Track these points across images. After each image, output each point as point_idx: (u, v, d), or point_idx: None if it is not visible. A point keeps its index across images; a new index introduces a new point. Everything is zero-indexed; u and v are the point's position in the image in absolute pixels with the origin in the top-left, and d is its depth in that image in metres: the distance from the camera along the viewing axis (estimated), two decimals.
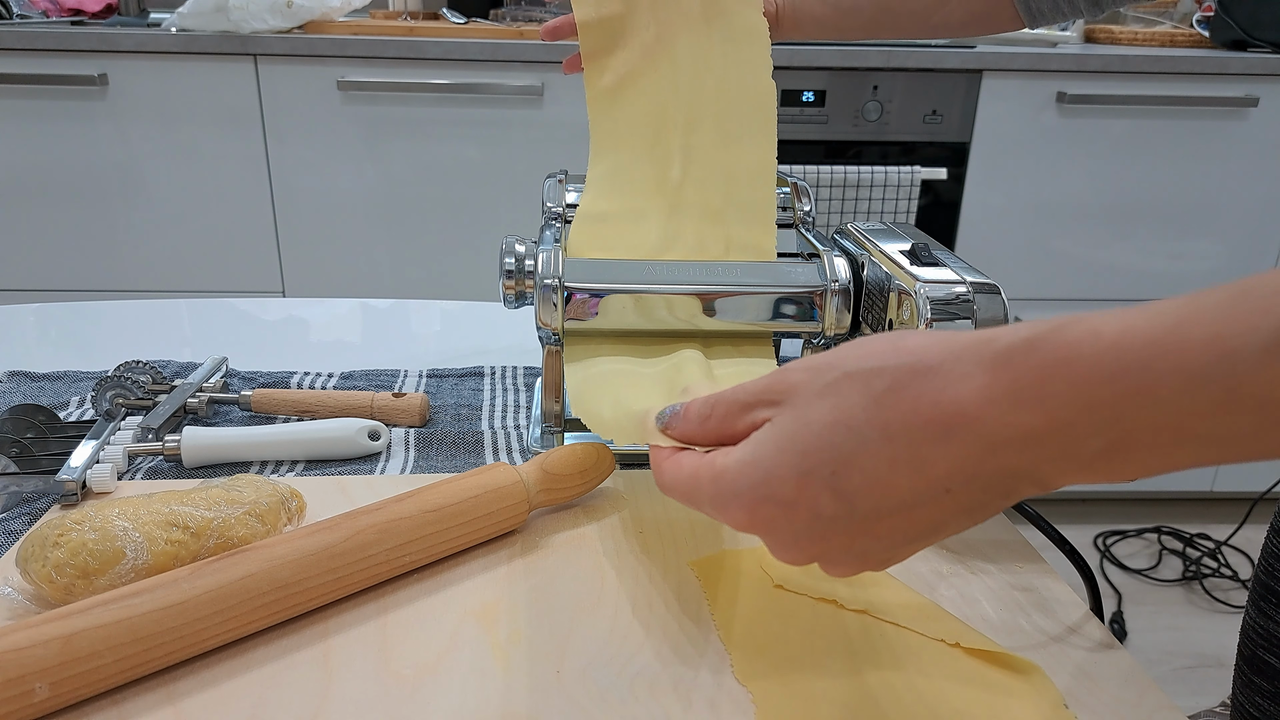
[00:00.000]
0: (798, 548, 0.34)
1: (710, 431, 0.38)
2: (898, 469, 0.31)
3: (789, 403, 0.34)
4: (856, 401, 0.32)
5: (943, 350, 0.31)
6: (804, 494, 0.33)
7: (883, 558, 0.35)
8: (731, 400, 0.37)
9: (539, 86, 1.70)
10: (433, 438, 0.65)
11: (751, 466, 0.34)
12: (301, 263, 1.81)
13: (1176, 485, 2.04)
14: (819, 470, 0.32)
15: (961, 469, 0.31)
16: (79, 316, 0.89)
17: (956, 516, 0.32)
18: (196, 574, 0.42)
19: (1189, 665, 1.70)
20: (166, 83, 1.68)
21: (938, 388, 0.31)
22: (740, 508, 0.35)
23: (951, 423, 0.30)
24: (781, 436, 0.34)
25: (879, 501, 0.32)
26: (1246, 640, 0.63)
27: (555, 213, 0.66)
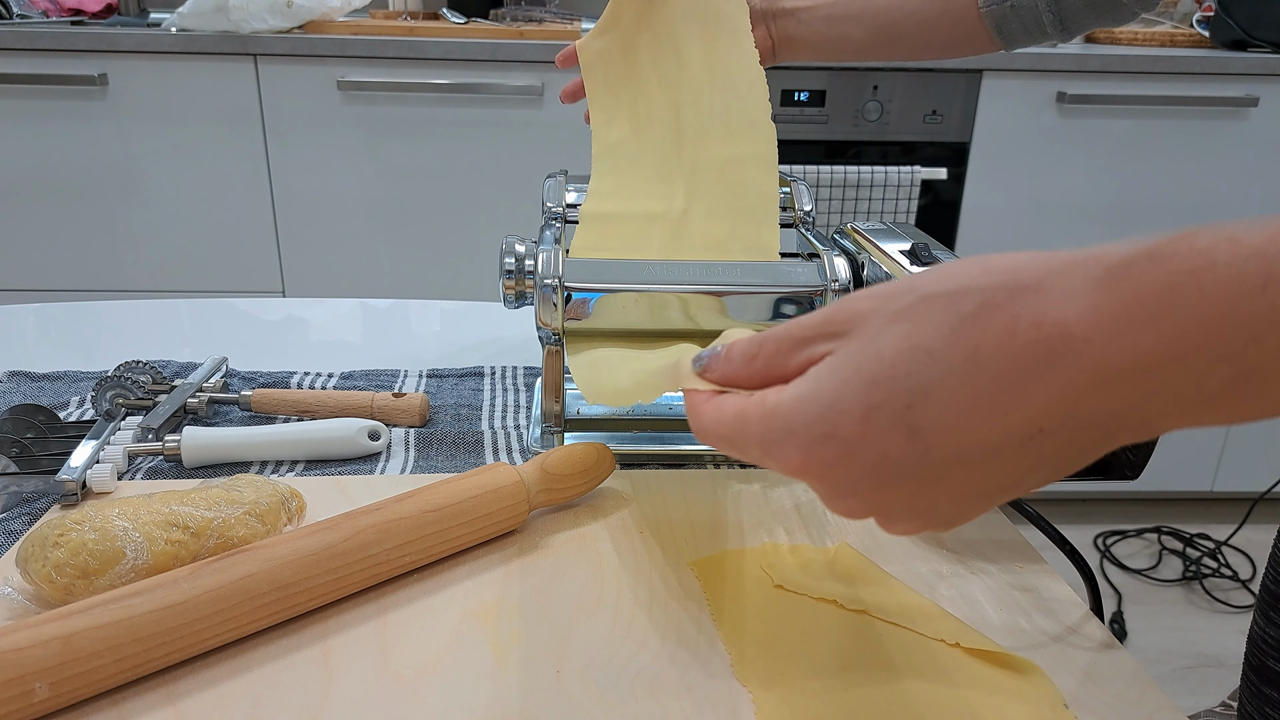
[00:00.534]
0: (856, 496, 0.30)
1: (757, 372, 0.33)
2: (984, 404, 0.27)
3: (855, 332, 0.30)
4: (939, 325, 0.28)
5: (1043, 267, 0.27)
6: (870, 432, 0.28)
7: (949, 515, 0.30)
8: (783, 335, 0.32)
9: (539, 86, 1.70)
10: (433, 438, 0.65)
11: (809, 400, 0.30)
12: (301, 263, 1.81)
13: (1177, 485, 2.04)
14: (890, 404, 0.28)
15: (1060, 405, 0.26)
16: (79, 316, 0.89)
17: (1040, 467, 0.28)
18: (196, 574, 0.42)
19: (1189, 665, 1.70)
20: (166, 83, 1.68)
21: (1039, 307, 0.26)
22: (795, 447, 0.30)
23: (1054, 348, 0.26)
24: (846, 367, 0.29)
25: (957, 443, 0.28)
26: (1255, 650, 0.63)
27: (555, 213, 0.66)
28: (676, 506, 0.56)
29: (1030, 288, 0.27)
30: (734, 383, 0.34)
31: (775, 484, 0.59)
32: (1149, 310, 0.25)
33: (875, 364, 0.28)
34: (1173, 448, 1.97)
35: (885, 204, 1.78)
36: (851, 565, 0.50)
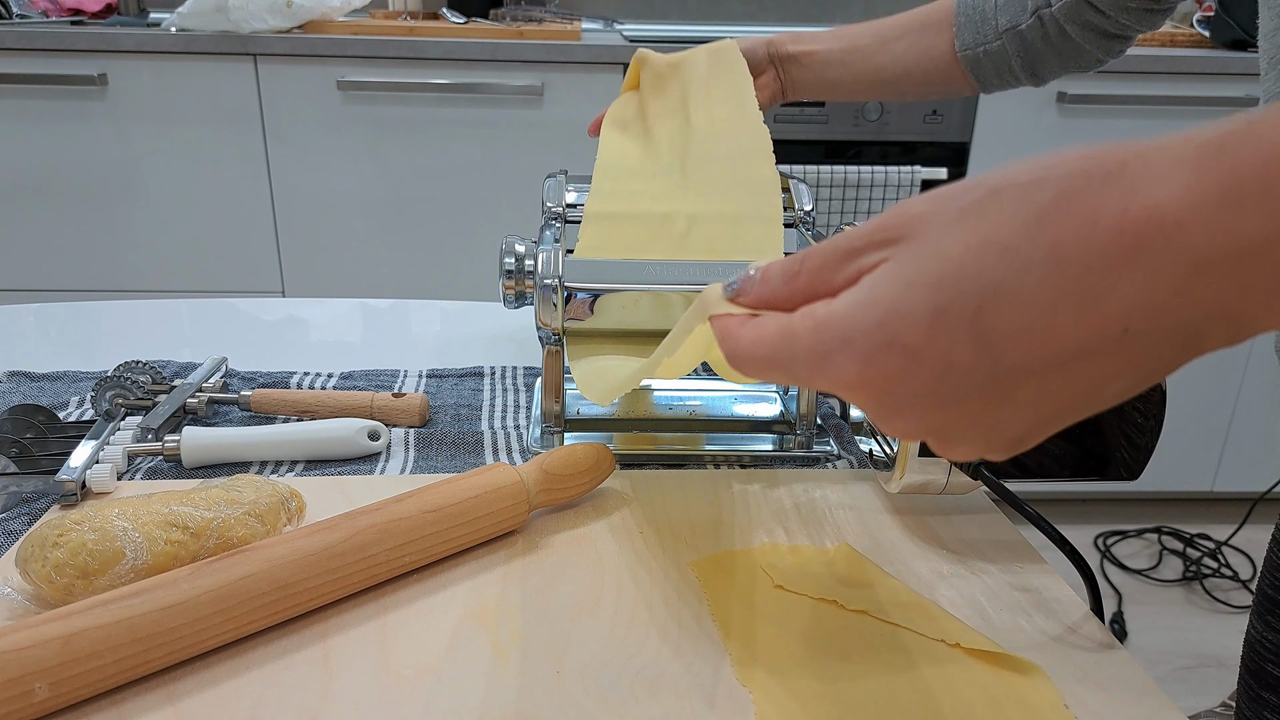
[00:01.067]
0: (916, 412, 0.27)
1: (799, 290, 0.30)
2: (1064, 304, 0.24)
3: (914, 236, 0.27)
4: (1012, 218, 0.25)
5: (1124, 151, 0.25)
6: (936, 338, 0.25)
7: (1015, 434, 0.28)
8: (829, 249, 0.29)
9: (539, 86, 1.70)
10: (432, 438, 0.65)
11: (867, 306, 0.27)
12: (301, 263, 1.81)
13: (1177, 485, 2.04)
14: (958, 306, 0.25)
15: (1149, 301, 0.24)
16: (79, 316, 0.89)
17: (1117, 377, 0.26)
18: (196, 574, 0.42)
19: (1189, 665, 1.70)
20: (166, 83, 1.68)
21: (1125, 193, 0.24)
22: (851, 357, 0.27)
23: (1144, 236, 0.23)
24: (907, 269, 0.26)
25: (1032, 350, 0.25)
26: (1252, 654, 0.62)
27: (555, 213, 0.66)
28: (676, 506, 0.56)
29: (1113, 173, 0.24)
30: (772, 304, 0.31)
31: (775, 484, 0.59)
32: (1251, 190, 0.22)
33: (940, 264, 0.26)
34: (1173, 448, 1.97)
35: (885, 204, 1.78)
36: (851, 565, 0.50)
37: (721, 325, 0.31)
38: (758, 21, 2.27)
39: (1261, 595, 0.62)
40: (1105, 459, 0.53)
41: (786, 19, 2.28)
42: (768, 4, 2.26)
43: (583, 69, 1.70)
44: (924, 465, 0.53)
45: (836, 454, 0.63)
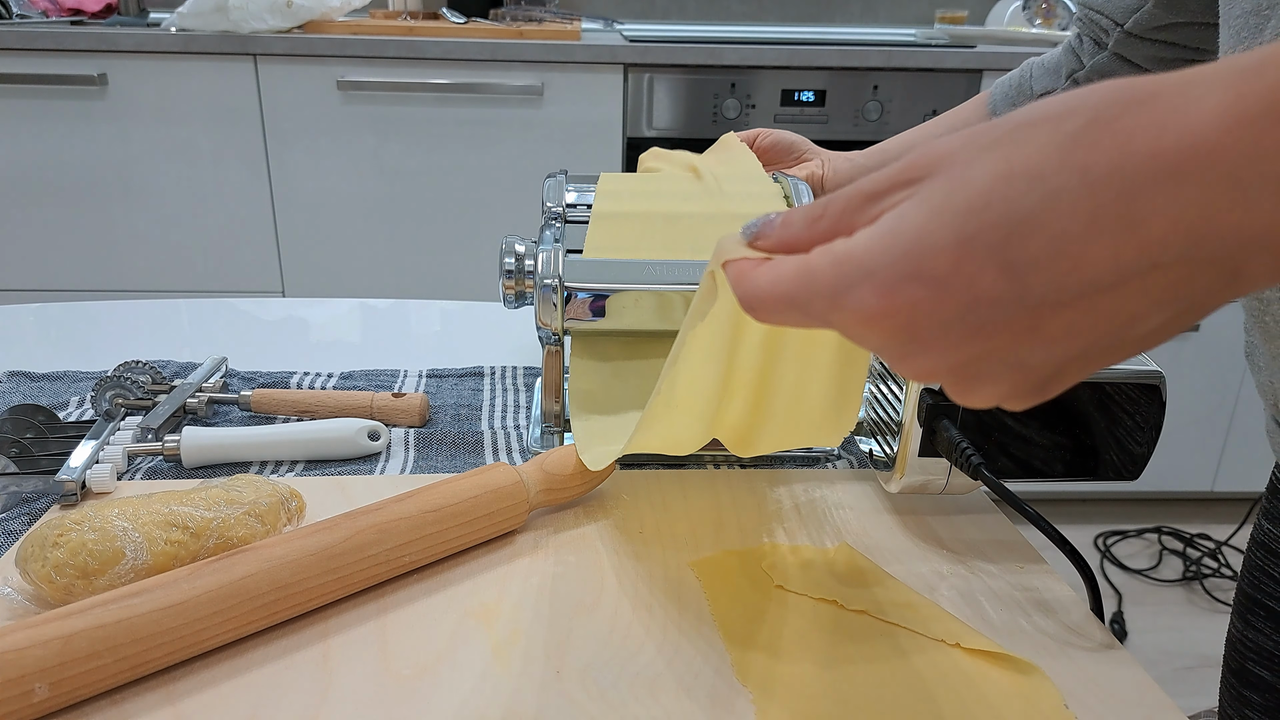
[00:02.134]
0: (940, 348, 0.26)
1: (821, 234, 0.29)
2: (1097, 231, 0.23)
3: (939, 171, 0.26)
4: (1042, 146, 0.24)
5: (1159, 79, 0.24)
6: (963, 267, 0.24)
7: (1042, 375, 0.26)
8: (853, 192, 0.28)
9: (539, 86, 1.70)
10: (432, 438, 0.65)
11: (890, 237, 0.26)
12: (301, 263, 1.81)
13: (1177, 485, 2.04)
14: (985, 235, 0.24)
15: (1187, 227, 0.23)
16: (79, 316, 0.89)
17: (1156, 309, 0.24)
18: (196, 574, 0.42)
19: (1189, 665, 1.70)
20: (166, 83, 1.68)
21: (1159, 117, 0.23)
22: (873, 290, 0.26)
23: (1180, 159, 0.22)
24: (933, 200, 0.25)
25: (1063, 278, 0.24)
26: (1234, 653, 0.63)
27: (555, 213, 0.66)
28: (676, 506, 0.56)
29: (1147, 99, 0.23)
30: (794, 248, 0.30)
31: (775, 484, 0.59)
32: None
33: (967, 193, 0.25)
34: (1173, 448, 1.97)
35: None
36: (851, 565, 0.50)
37: (737, 269, 0.30)
38: (758, 21, 2.27)
39: (1242, 594, 0.63)
40: (1105, 459, 0.53)
41: (786, 19, 2.28)
42: (768, 4, 2.26)
43: (583, 69, 1.70)
44: (924, 465, 0.53)
45: (836, 454, 0.63)
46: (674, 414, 0.46)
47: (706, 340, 0.41)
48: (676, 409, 0.46)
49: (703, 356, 0.42)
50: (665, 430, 0.48)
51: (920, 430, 0.52)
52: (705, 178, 0.66)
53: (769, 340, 0.42)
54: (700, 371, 0.43)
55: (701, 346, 0.42)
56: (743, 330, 0.42)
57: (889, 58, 1.73)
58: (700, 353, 0.42)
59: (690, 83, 1.74)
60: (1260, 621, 0.60)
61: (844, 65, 1.73)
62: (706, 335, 0.41)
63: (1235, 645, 0.62)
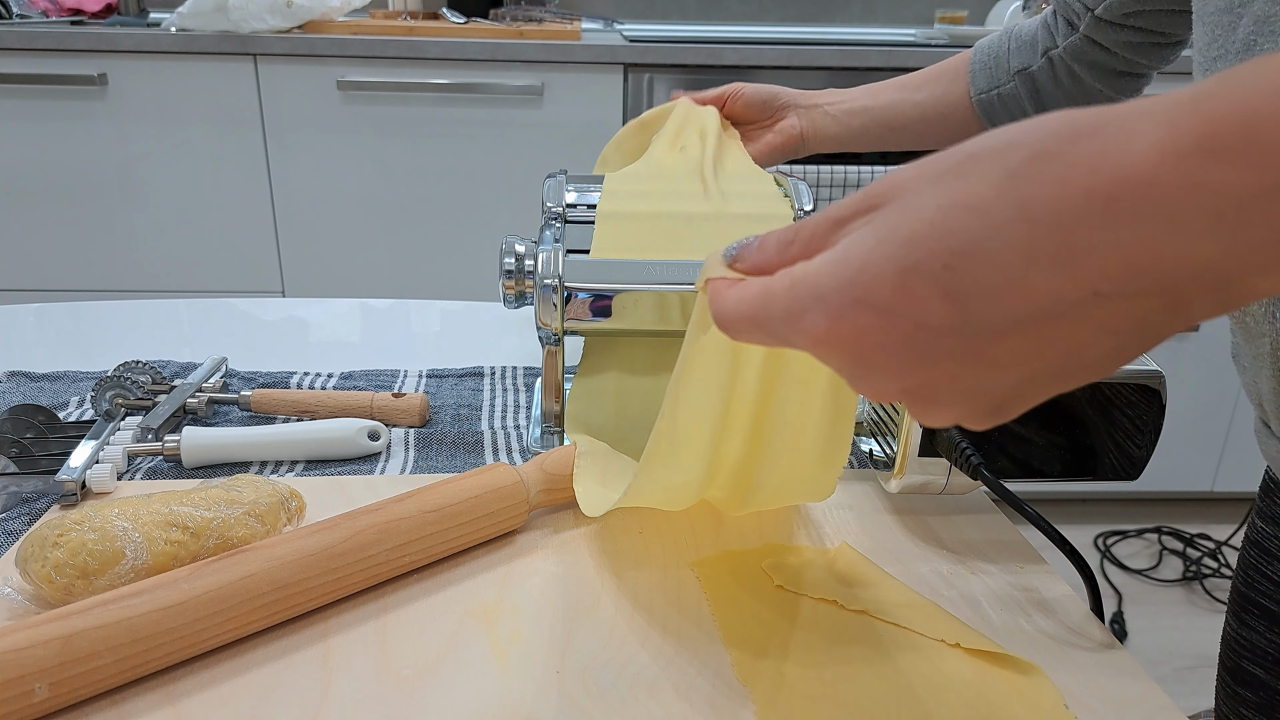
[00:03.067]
0: (889, 371, 0.27)
1: (793, 258, 0.30)
2: (1036, 262, 0.24)
3: (893, 199, 0.27)
4: (984, 179, 0.25)
5: (1102, 113, 0.24)
6: (904, 295, 0.25)
7: (996, 399, 0.27)
8: (822, 218, 0.30)
9: (539, 86, 1.70)
10: (432, 438, 0.65)
11: (839, 264, 0.27)
12: (301, 263, 1.81)
13: (1177, 485, 2.04)
14: (927, 264, 0.25)
15: (1125, 260, 0.23)
16: (79, 316, 0.89)
17: (1102, 338, 0.25)
18: (196, 574, 0.42)
19: (1189, 665, 1.70)
20: (166, 82, 1.68)
21: (1097, 151, 0.23)
22: (822, 313, 0.27)
23: (1116, 194, 0.23)
24: (880, 229, 0.26)
25: (1003, 308, 0.24)
26: (1229, 651, 0.63)
27: (555, 213, 0.66)
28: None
29: (1087, 133, 0.24)
30: (766, 271, 0.31)
31: None
32: (1227, 140, 0.21)
33: (912, 223, 0.26)
34: (1173, 448, 1.97)
35: None
36: (852, 565, 0.50)
37: (713, 287, 0.33)
38: (758, 21, 2.27)
39: (1236, 594, 0.63)
40: (1105, 459, 0.53)
41: (786, 19, 2.28)
42: (768, 4, 2.26)
43: (583, 69, 1.70)
44: (924, 465, 0.53)
45: None
46: (677, 452, 0.46)
47: (707, 360, 0.42)
48: (679, 445, 0.45)
49: (703, 378, 0.43)
50: (665, 475, 0.48)
51: (920, 430, 0.52)
52: (707, 178, 0.66)
53: (766, 374, 0.43)
54: (701, 397, 0.43)
55: (703, 366, 0.42)
56: (741, 358, 0.43)
57: (889, 58, 1.73)
58: (701, 374, 0.43)
59: (690, 83, 1.74)
60: (1255, 620, 0.60)
61: (844, 65, 1.73)
62: (707, 356, 0.41)
63: (1230, 644, 0.63)
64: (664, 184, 0.66)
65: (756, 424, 0.45)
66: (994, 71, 0.73)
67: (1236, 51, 0.47)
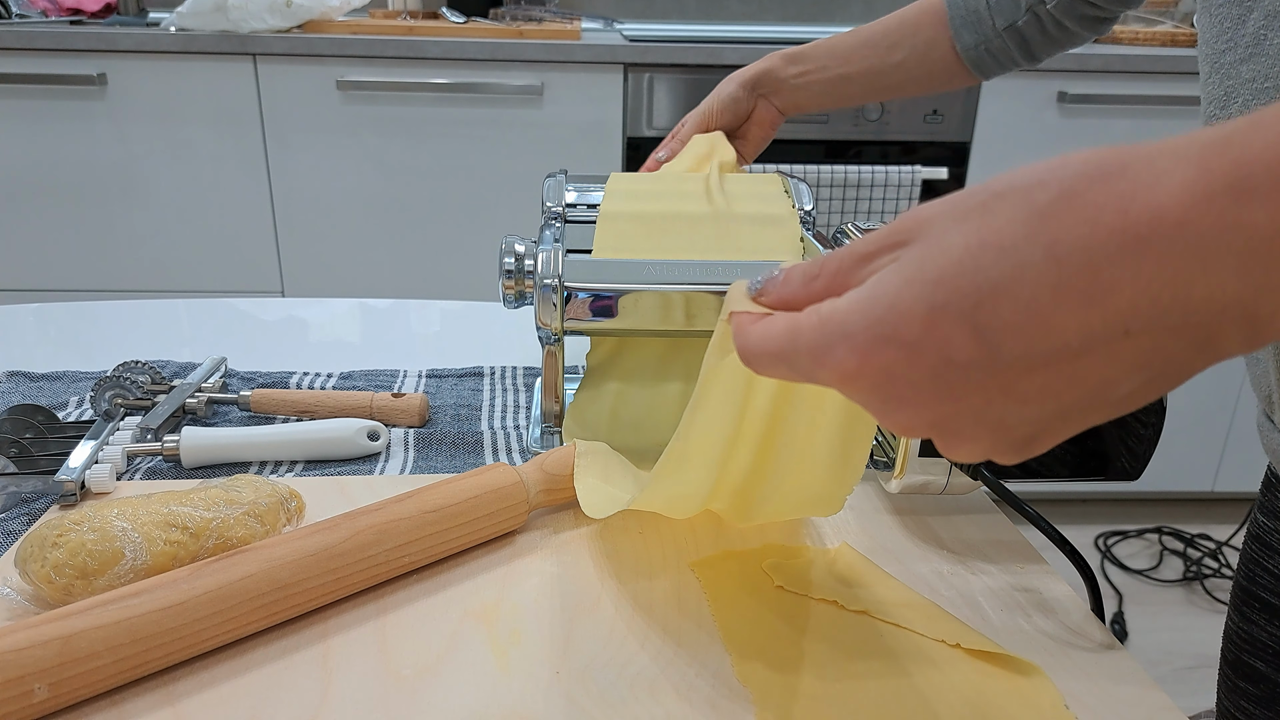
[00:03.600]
0: (917, 405, 0.27)
1: (817, 293, 0.31)
2: (1064, 301, 0.24)
3: (920, 238, 0.27)
4: (1012, 219, 0.25)
5: (1129, 153, 0.24)
6: (933, 333, 0.26)
7: (1023, 434, 0.27)
8: (846, 253, 0.30)
9: (539, 86, 1.70)
10: (432, 438, 0.65)
11: (867, 302, 0.27)
12: (301, 262, 1.81)
13: (1177, 485, 2.04)
14: (956, 303, 0.25)
15: (1153, 300, 0.23)
16: (78, 316, 0.89)
17: (1130, 374, 0.25)
18: (195, 575, 0.42)
19: (1190, 665, 1.70)
20: (165, 82, 1.68)
21: (1125, 192, 0.24)
22: (851, 350, 0.27)
23: (1145, 234, 0.23)
24: (908, 268, 0.27)
25: (1031, 344, 0.25)
26: (1230, 645, 0.63)
27: (555, 212, 0.66)
28: None
29: (1115, 174, 0.24)
30: (791, 305, 0.32)
31: None
32: (1258, 182, 0.22)
33: (941, 262, 0.26)
34: (1173, 448, 1.97)
35: (886, 204, 1.78)
36: (852, 566, 0.50)
37: (737, 321, 0.33)
38: (757, 21, 2.27)
39: (1238, 588, 0.63)
40: (1104, 460, 0.53)
41: (786, 19, 2.28)
42: (768, 4, 2.26)
43: (583, 69, 1.70)
44: (924, 465, 0.53)
45: None
46: (684, 467, 0.45)
47: (723, 384, 0.42)
48: (690, 459, 0.45)
49: (719, 400, 0.43)
50: (671, 487, 0.47)
51: None
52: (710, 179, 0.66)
53: (781, 390, 0.43)
54: (715, 418, 0.43)
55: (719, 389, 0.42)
56: (756, 381, 0.42)
57: None
58: (717, 397, 0.42)
59: (690, 83, 1.74)
60: (1256, 614, 0.60)
61: None
62: (723, 380, 0.41)
63: (1231, 638, 0.63)
64: (666, 184, 0.66)
65: (765, 442, 0.45)
66: (978, 27, 0.73)
67: (1246, 45, 0.47)
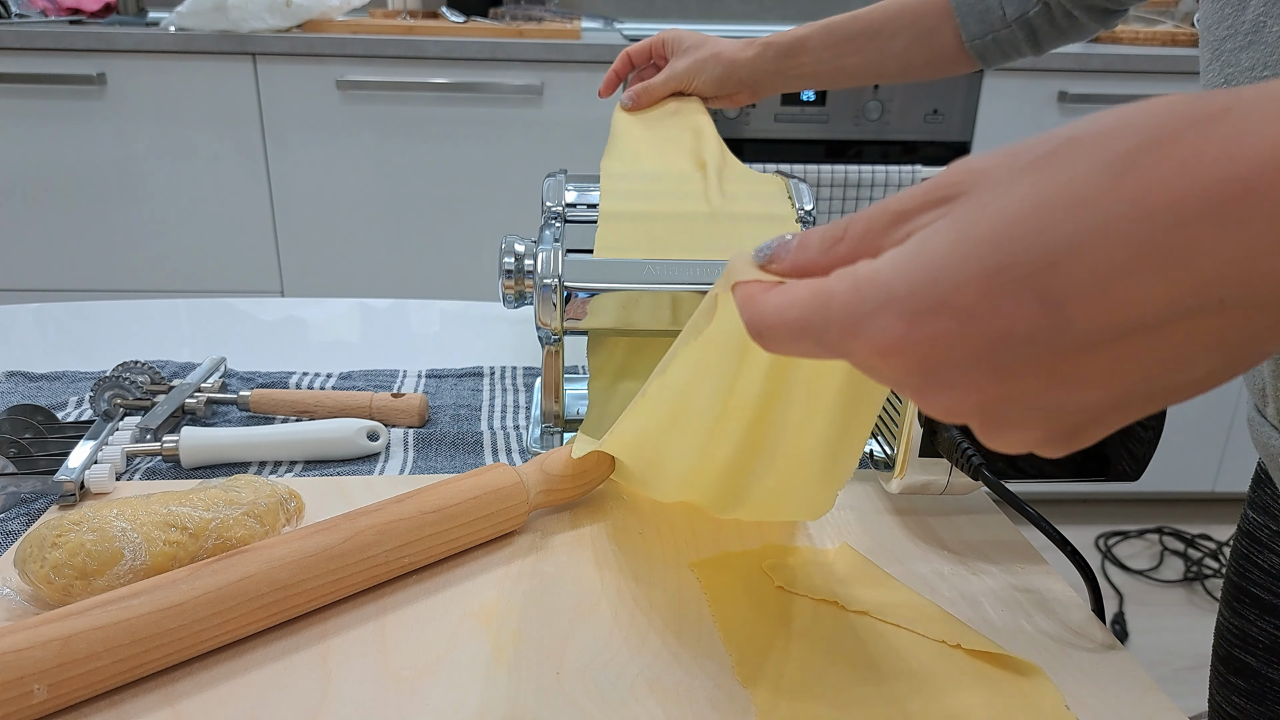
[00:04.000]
0: (965, 386, 0.24)
1: (840, 259, 0.27)
2: (1148, 264, 0.21)
3: (973, 191, 0.24)
4: (1091, 168, 0.22)
5: (1229, 95, 0.21)
6: (993, 300, 0.22)
7: (1076, 421, 0.24)
8: (879, 211, 0.26)
9: (539, 86, 1.70)
10: (432, 438, 0.64)
11: (914, 262, 0.24)
12: (300, 262, 1.81)
13: (1178, 486, 2.04)
14: (1020, 266, 0.22)
15: (1250, 266, 0.20)
16: (77, 316, 0.89)
17: (1208, 353, 0.22)
18: (195, 575, 0.42)
19: (1190, 666, 1.70)
20: (165, 82, 1.68)
21: (1230, 137, 0.20)
22: (895, 319, 0.24)
23: (1250, 189, 0.20)
24: (961, 224, 0.23)
25: (1107, 315, 0.21)
26: (1221, 640, 0.63)
27: (555, 212, 0.66)
28: (676, 507, 0.56)
29: (1216, 116, 0.21)
30: (808, 273, 0.28)
31: None
32: None
33: (1002, 218, 0.22)
34: (1173, 448, 1.97)
35: None
36: (852, 566, 0.50)
37: (745, 292, 0.28)
38: (758, 20, 2.27)
39: (1229, 584, 0.63)
40: (1105, 461, 0.53)
41: (787, 18, 2.27)
42: (768, 4, 2.26)
43: (583, 68, 1.70)
44: (924, 465, 0.52)
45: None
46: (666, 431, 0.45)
47: (698, 360, 0.40)
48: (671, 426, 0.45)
49: (692, 376, 0.41)
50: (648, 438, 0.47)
51: (921, 430, 0.52)
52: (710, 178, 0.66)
53: (772, 377, 0.40)
54: (700, 397, 0.42)
55: (691, 365, 0.41)
56: (745, 360, 0.39)
57: None
58: (689, 371, 0.41)
59: None
60: (1247, 609, 0.60)
61: None
62: (698, 356, 0.40)
63: (1223, 633, 0.63)
64: (665, 184, 0.66)
65: (752, 430, 0.43)
66: (985, 17, 0.72)
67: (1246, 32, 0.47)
